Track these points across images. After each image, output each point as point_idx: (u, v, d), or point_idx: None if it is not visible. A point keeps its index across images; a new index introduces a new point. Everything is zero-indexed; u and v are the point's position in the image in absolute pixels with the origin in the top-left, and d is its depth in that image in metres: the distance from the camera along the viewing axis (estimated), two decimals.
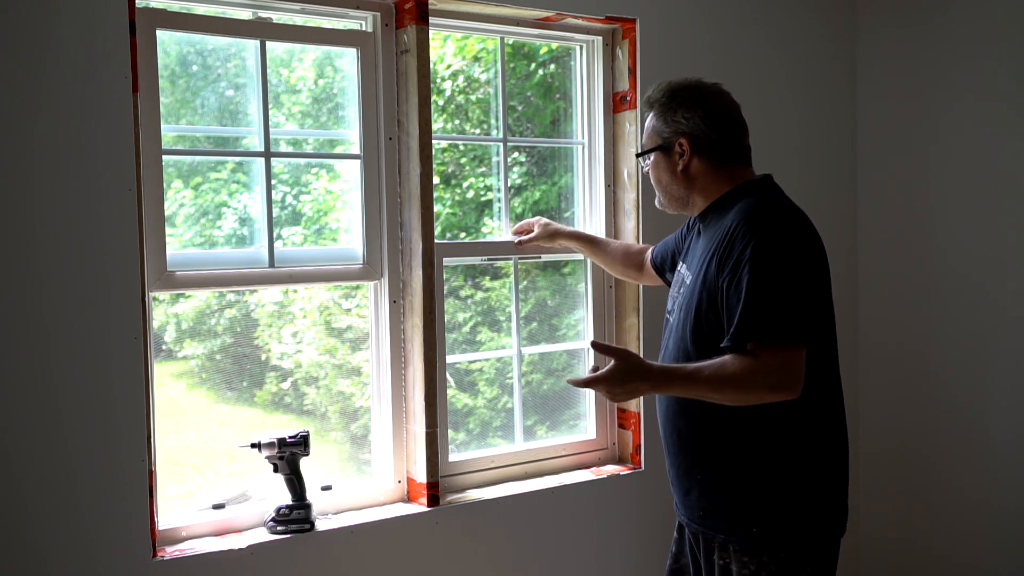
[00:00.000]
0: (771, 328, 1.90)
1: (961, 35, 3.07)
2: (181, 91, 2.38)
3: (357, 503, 2.53)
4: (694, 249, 2.22)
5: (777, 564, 2.00)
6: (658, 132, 2.17)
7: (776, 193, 2.13)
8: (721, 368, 1.91)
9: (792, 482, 2.00)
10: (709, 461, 2.08)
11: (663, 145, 2.16)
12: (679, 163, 2.15)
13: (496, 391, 2.86)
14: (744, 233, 1.96)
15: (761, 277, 1.91)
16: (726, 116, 2.16)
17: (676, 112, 2.14)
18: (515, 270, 2.82)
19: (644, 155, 2.23)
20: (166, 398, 2.36)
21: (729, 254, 1.98)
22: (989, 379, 3.04)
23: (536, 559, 2.69)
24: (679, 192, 2.18)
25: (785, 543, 2.00)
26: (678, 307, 2.16)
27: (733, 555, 2.04)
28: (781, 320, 1.90)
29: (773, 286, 1.91)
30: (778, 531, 1.99)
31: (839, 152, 3.36)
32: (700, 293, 2.05)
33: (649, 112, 2.21)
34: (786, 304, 1.91)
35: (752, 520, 2.00)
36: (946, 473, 3.18)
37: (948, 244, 3.14)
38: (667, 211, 2.27)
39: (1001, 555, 3.04)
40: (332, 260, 2.53)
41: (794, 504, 2.00)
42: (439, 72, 2.78)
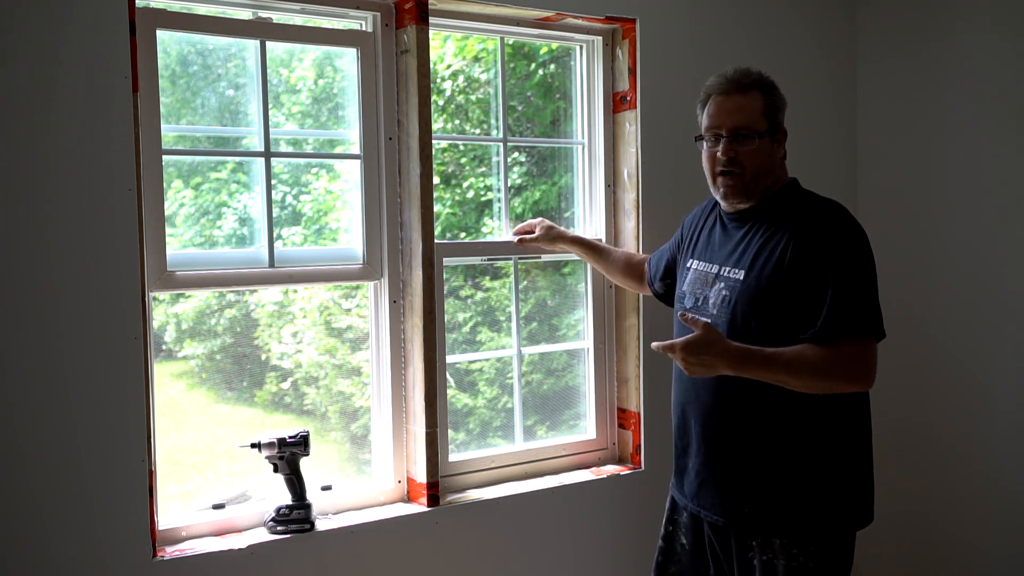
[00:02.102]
0: (857, 323, 1.99)
1: (961, 35, 3.07)
2: (181, 91, 2.38)
3: (357, 503, 2.53)
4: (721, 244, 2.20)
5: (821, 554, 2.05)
6: (769, 115, 2.13)
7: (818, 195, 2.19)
8: (800, 354, 1.97)
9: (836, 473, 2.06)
10: (759, 457, 2.08)
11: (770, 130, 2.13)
12: (779, 151, 2.17)
13: (496, 391, 2.86)
14: (821, 230, 2.03)
15: (848, 275, 1.99)
16: None
17: (778, 97, 2.16)
18: (515, 270, 2.82)
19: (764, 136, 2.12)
20: (166, 398, 2.36)
21: (807, 252, 2.02)
22: (992, 376, 3.04)
23: (536, 559, 2.69)
24: (766, 183, 2.15)
25: (828, 532, 2.06)
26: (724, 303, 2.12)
27: (779, 549, 2.06)
28: (865, 316, 2.00)
29: (858, 284, 2.00)
30: (826, 521, 2.05)
31: (839, 152, 3.36)
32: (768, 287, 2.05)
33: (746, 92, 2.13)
34: (868, 301, 2.01)
35: (805, 513, 2.05)
36: (949, 464, 3.18)
37: (949, 243, 3.14)
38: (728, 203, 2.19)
39: (1008, 543, 3.04)
40: (332, 260, 2.53)
41: (838, 494, 2.06)
42: (439, 72, 2.78)
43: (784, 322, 2.03)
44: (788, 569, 2.05)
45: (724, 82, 2.15)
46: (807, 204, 2.12)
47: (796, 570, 2.04)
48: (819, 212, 2.08)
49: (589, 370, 2.94)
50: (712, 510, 2.15)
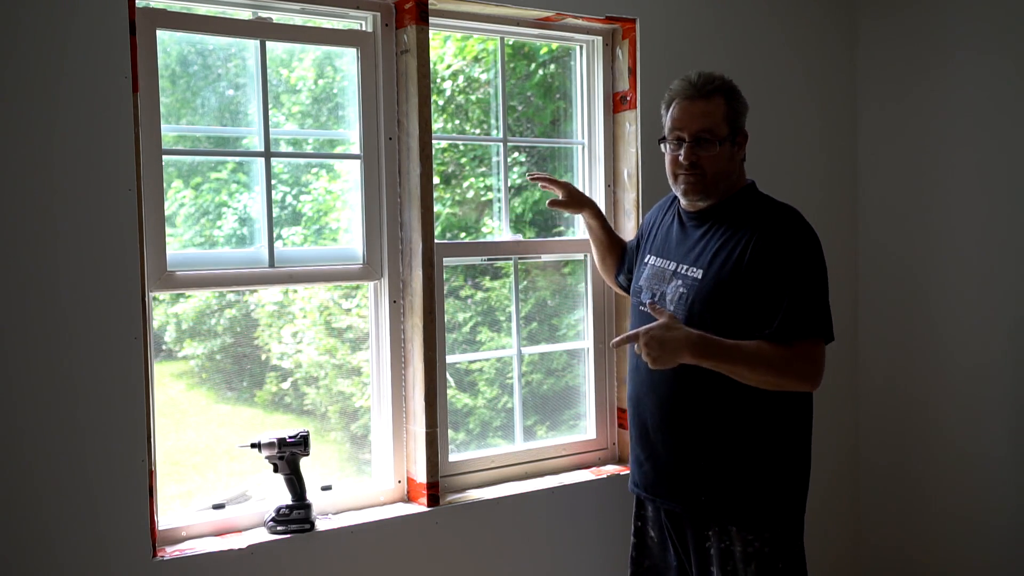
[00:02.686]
0: (811, 326, 2.08)
1: (962, 35, 3.07)
2: (181, 91, 2.38)
3: (357, 503, 2.53)
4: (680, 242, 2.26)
5: (776, 540, 2.15)
6: (730, 120, 2.19)
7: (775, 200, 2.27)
8: (759, 348, 2.06)
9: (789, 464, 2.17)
10: (714, 446, 2.16)
11: (731, 135, 2.20)
12: (739, 153, 2.24)
13: (496, 391, 2.86)
14: (775, 234, 2.11)
15: (803, 280, 2.08)
16: None
17: (740, 102, 2.22)
18: (515, 270, 2.82)
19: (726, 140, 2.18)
20: (166, 398, 2.36)
21: (765, 255, 2.09)
22: (989, 381, 3.04)
23: (536, 559, 2.69)
24: (726, 184, 2.22)
25: (780, 520, 2.16)
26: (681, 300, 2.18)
27: (736, 536, 2.15)
28: (818, 320, 2.09)
29: (812, 289, 2.10)
30: (776, 509, 2.15)
31: (839, 151, 3.36)
32: (726, 288, 2.12)
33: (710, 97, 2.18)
34: (821, 306, 2.10)
35: (759, 500, 2.13)
36: (946, 464, 3.18)
37: (949, 244, 3.14)
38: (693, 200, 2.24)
39: (997, 559, 3.04)
40: (332, 260, 2.53)
41: (789, 484, 2.17)
42: (439, 72, 2.78)
43: (739, 321, 2.11)
44: (744, 555, 2.14)
45: (688, 87, 2.21)
46: (765, 208, 2.19)
47: (752, 556, 2.14)
48: (777, 217, 2.16)
49: (589, 370, 2.94)
50: (669, 498, 2.24)
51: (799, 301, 2.07)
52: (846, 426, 3.40)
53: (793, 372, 2.07)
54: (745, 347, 2.06)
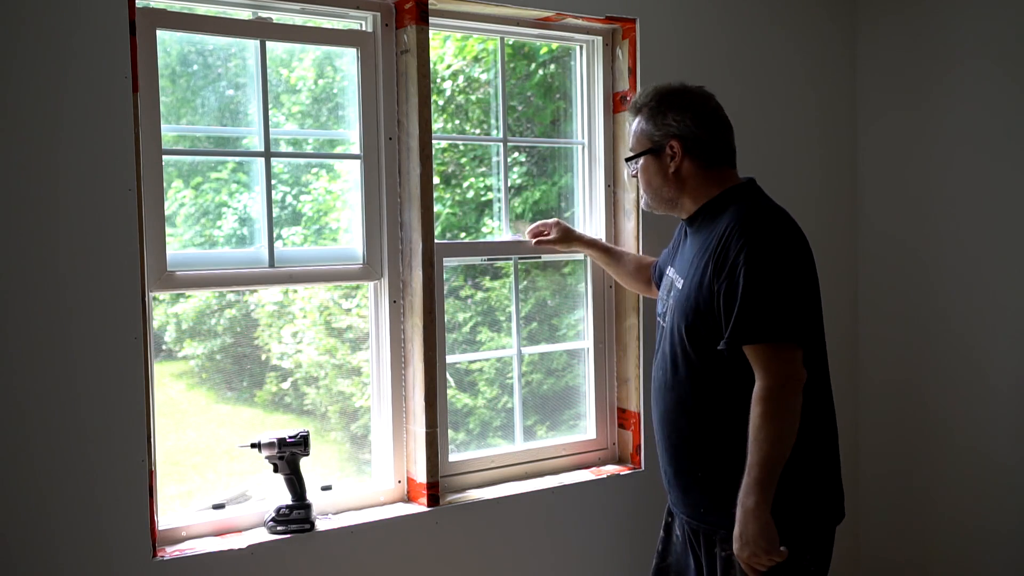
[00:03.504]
0: (765, 329, 1.98)
1: (962, 35, 3.07)
2: (181, 91, 2.38)
3: (357, 503, 2.53)
4: (683, 253, 2.28)
5: None
6: (648, 135, 2.24)
7: (763, 198, 2.20)
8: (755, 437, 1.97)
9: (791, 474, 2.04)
10: (708, 458, 2.14)
11: (654, 148, 2.23)
12: (671, 165, 2.21)
13: (496, 391, 2.86)
14: (738, 238, 2.03)
15: (756, 280, 1.99)
16: (715, 117, 2.23)
17: (666, 115, 2.21)
18: (515, 270, 2.82)
19: (634, 159, 2.28)
20: (166, 398, 2.36)
21: (724, 259, 2.04)
22: (990, 378, 3.04)
23: (536, 559, 2.69)
24: (669, 194, 2.24)
25: (784, 532, 2.04)
26: (670, 311, 2.22)
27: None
28: (775, 322, 1.98)
29: (767, 289, 1.99)
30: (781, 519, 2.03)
31: (839, 151, 3.36)
32: (695, 296, 2.10)
33: (636, 117, 2.27)
34: (779, 307, 1.99)
35: None
36: (945, 464, 3.18)
37: (949, 243, 3.14)
38: (654, 212, 2.34)
39: (998, 561, 3.04)
40: (332, 260, 2.53)
41: (790, 495, 2.05)
42: (439, 72, 2.78)
43: (706, 332, 2.07)
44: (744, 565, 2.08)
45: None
46: (736, 212, 2.11)
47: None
48: (741, 220, 2.07)
49: (589, 370, 2.94)
50: (678, 507, 2.25)
51: (751, 307, 1.98)
52: (846, 427, 3.38)
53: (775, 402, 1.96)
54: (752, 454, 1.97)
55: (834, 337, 3.31)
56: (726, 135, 2.23)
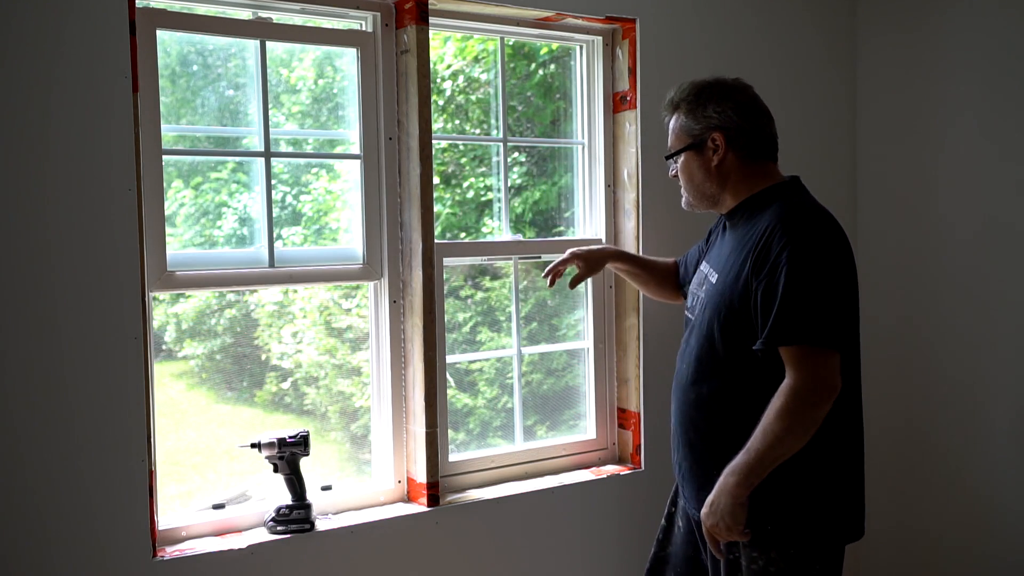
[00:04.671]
0: (804, 331, 1.92)
1: (961, 33, 3.07)
2: (181, 91, 2.38)
3: (357, 503, 2.53)
4: (720, 247, 2.21)
5: (786, 561, 2.02)
6: (687, 130, 2.17)
7: (807, 197, 2.14)
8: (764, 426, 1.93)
9: (807, 482, 2.00)
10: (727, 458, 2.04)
11: (695, 143, 2.16)
12: (713, 159, 2.15)
13: (496, 391, 2.86)
14: (780, 237, 1.97)
15: (798, 281, 1.93)
16: (755, 106, 2.17)
17: (707, 107, 2.15)
18: (515, 270, 2.82)
19: (675, 156, 2.20)
20: (166, 398, 2.36)
21: (765, 257, 1.98)
22: (990, 372, 3.04)
23: (536, 559, 2.69)
24: (712, 190, 2.17)
25: (795, 541, 2.01)
26: (701, 305, 2.15)
27: (742, 549, 2.05)
28: (814, 324, 1.92)
29: (809, 291, 1.93)
30: (790, 529, 2.01)
31: (839, 151, 3.36)
32: (731, 292, 2.04)
33: (674, 114, 2.20)
34: (820, 309, 1.92)
35: (766, 517, 2.00)
36: (945, 464, 3.18)
37: (948, 240, 3.14)
38: (695, 210, 2.25)
39: (1002, 547, 3.04)
40: (332, 260, 2.53)
41: (808, 503, 2.01)
42: (439, 72, 2.78)
43: (740, 330, 2.02)
44: (750, 571, 2.04)
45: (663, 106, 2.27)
46: (779, 210, 2.05)
47: (756, 572, 2.03)
48: (786, 219, 2.01)
49: (589, 370, 2.94)
50: (691, 502, 2.19)
51: (790, 308, 1.92)
52: None
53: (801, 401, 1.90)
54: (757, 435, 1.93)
55: None
56: (768, 125, 2.17)
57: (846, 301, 1.99)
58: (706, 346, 2.09)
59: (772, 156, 2.19)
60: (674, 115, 2.20)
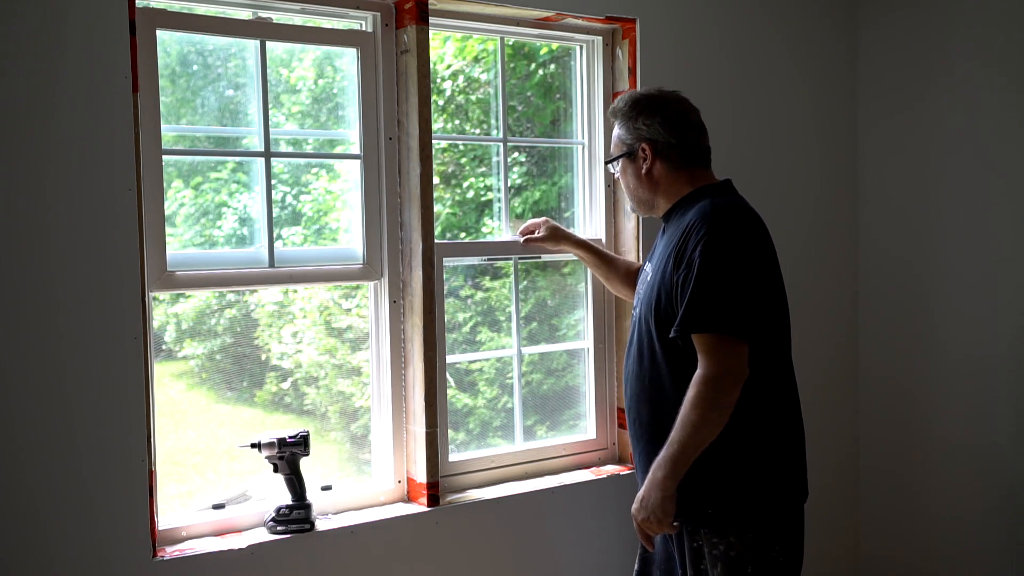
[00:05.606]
0: (711, 320, 2.05)
1: (962, 37, 3.07)
2: (181, 91, 2.38)
3: (357, 503, 2.53)
4: (657, 247, 2.37)
5: (744, 544, 2.13)
6: (622, 140, 2.37)
7: (732, 196, 2.28)
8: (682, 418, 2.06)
9: (742, 464, 2.13)
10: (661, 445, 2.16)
11: (627, 152, 2.35)
12: (643, 167, 2.33)
13: (496, 391, 2.86)
14: (697, 231, 2.12)
15: (708, 272, 2.07)
16: (683, 120, 2.32)
17: (637, 119, 2.33)
18: (515, 270, 2.82)
19: (612, 162, 2.41)
20: (166, 398, 2.36)
21: (684, 250, 2.13)
22: (992, 383, 3.04)
23: (536, 559, 2.69)
24: (645, 195, 2.36)
25: (749, 523, 2.13)
26: (638, 301, 2.32)
27: (704, 537, 2.17)
28: (721, 313, 2.05)
29: (718, 281, 2.06)
30: (737, 511, 2.13)
31: (840, 151, 3.36)
32: (659, 287, 2.19)
33: (615, 123, 2.40)
34: (727, 299, 2.06)
35: (705, 501, 2.13)
36: (946, 464, 3.18)
37: (950, 245, 3.14)
38: (638, 214, 2.47)
39: (1000, 566, 3.04)
40: (332, 260, 2.53)
41: (748, 485, 2.14)
42: (439, 72, 2.78)
43: (666, 322, 2.16)
44: (711, 556, 2.16)
45: None
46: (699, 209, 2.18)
47: (718, 558, 2.15)
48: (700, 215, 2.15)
49: (589, 370, 2.94)
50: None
51: (701, 297, 2.05)
52: (845, 430, 3.40)
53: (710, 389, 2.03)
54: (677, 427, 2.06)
55: (834, 338, 3.33)
56: (696, 137, 2.31)
57: (757, 292, 2.10)
58: (644, 340, 2.24)
59: (703, 163, 2.33)
60: (615, 125, 2.39)
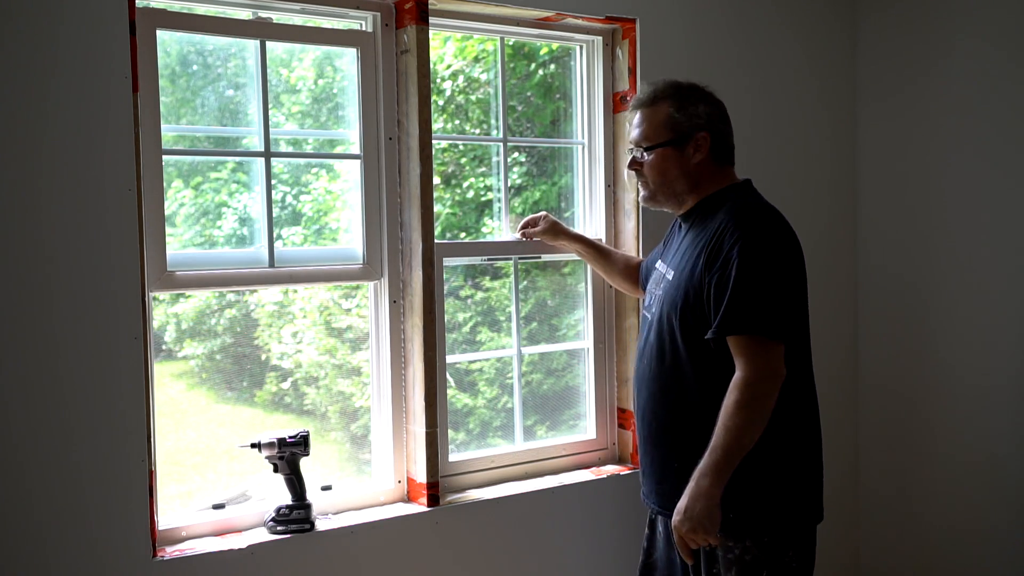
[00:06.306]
0: (752, 322, 2.01)
1: (961, 37, 3.07)
2: (181, 91, 2.38)
3: (357, 503, 2.53)
4: (677, 247, 2.30)
5: (760, 548, 2.10)
6: (672, 125, 2.21)
7: (759, 197, 2.25)
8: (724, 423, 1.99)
9: (767, 469, 2.09)
10: (685, 449, 2.15)
11: (677, 139, 2.21)
12: (694, 157, 2.21)
13: (496, 391, 2.86)
14: (733, 231, 2.07)
15: (748, 274, 2.02)
16: (727, 116, 2.29)
17: (697, 106, 2.21)
18: (515, 270, 2.82)
19: (654, 148, 2.23)
20: (166, 398, 2.36)
21: (718, 251, 2.08)
22: (990, 379, 3.04)
23: (536, 559, 2.69)
24: (681, 188, 2.24)
25: (766, 528, 2.10)
26: (659, 302, 2.24)
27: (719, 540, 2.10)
28: (762, 316, 2.01)
29: (758, 283, 2.02)
30: (757, 516, 2.10)
31: (839, 151, 3.36)
32: (686, 288, 2.14)
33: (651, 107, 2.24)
34: (768, 302, 2.02)
35: (728, 506, 2.06)
36: (947, 463, 3.18)
37: (950, 240, 3.13)
38: (650, 207, 2.35)
39: (1000, 543, 3.04)
40: (332, 260, 2.53)
41: (771, 490, 2.10)
42: (439, 72, 2.78)
43: (696, 322, 2.11)
44: (726, 560, 2.13)
45: (635, 98, 2.30)
46: (732, 208, 2.15)
47: (733, 562, 2.12)
48: (738, 215, 2.11)
49: (589, 370, 2.94)
50: (650, 498, 2.27)
51: (741, 296, 2.01)
52: (845, 437, 3.39)
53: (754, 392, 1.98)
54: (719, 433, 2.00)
55: (834, 338, 3.33)
56: (732, 134, 2.30)
57: (793, 295, 2.09)
58: (666, 340, 2.18)
59: (732, 162, 2.30)
60: (651, 108, 2.24)
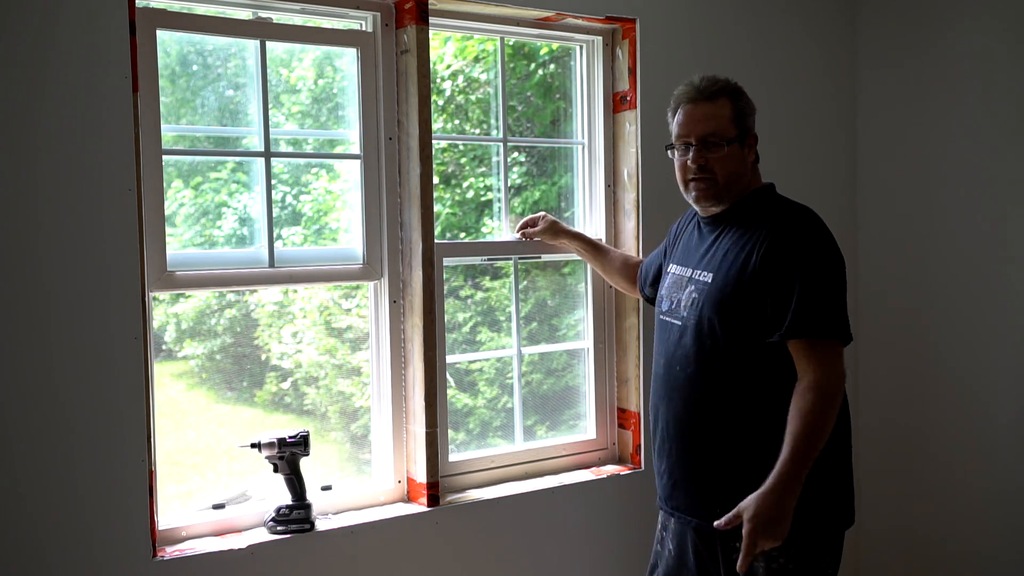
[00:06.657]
0: (823, 325, 2.01)
1: (961, 36, 3.07)
2: (181, 91, 2.38)
3: (357, 503, 2.53)
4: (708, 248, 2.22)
5: (803, 555, 2.05)
6: (740, 121, 2.17)
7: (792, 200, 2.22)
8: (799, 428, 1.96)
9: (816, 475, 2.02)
10: (730, 456, 2.09)
11: (741, 136, 2.18)
12: (750, 155, 2.21)
13: (496, 391, 2.86)
14: (790, 236, 2.06)
15: (815, 279, 2.02)
16: None
17: (748, 104, 2.21)
18: (515, 270, 2.82)
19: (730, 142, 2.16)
20: (166, 398, 2.36)
21: (776, 255, 2.04)
22: (990, 375, 3.04)
23: (536, 559, 2.69)
24: (741, 186, 2.20)
25: (809, 534, 2.05)
26: (695, 305, 2.15)
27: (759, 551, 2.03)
28: (832, 319, 2.02)
29: (825, 288, 2.03)
30: (804, 523, 2.02)
31: (839, 151, 3.36)
32: (733, 289, 2.08)
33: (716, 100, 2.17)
34: (835, 305, 2.03)
35: None
36: (946, 466, 3.18)
37: (948, 242, 3.14)
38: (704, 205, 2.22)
39: (1001, 541, 3.03)
40: (332, 260, 2.53)
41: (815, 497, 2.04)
42: (439, 72, 2.78)
43: (747, 324, 2.07)
44: (768, 571, 2.06)
45: (692, 90, 2.20)
46: (778, 209, 2.14)
47: (776, 572, 2.05)
48: (790, 217, 2.11)
49: (589, 370, 2.94)
50: (686, 511, 2.18)
51: (808, 300, 2.00)
52: None
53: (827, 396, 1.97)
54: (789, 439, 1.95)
55: None
56: None
57: (844, 297, 2.09)
58: (707, 343, 2.11)
59: None
60: (713, 103, 2.17)
